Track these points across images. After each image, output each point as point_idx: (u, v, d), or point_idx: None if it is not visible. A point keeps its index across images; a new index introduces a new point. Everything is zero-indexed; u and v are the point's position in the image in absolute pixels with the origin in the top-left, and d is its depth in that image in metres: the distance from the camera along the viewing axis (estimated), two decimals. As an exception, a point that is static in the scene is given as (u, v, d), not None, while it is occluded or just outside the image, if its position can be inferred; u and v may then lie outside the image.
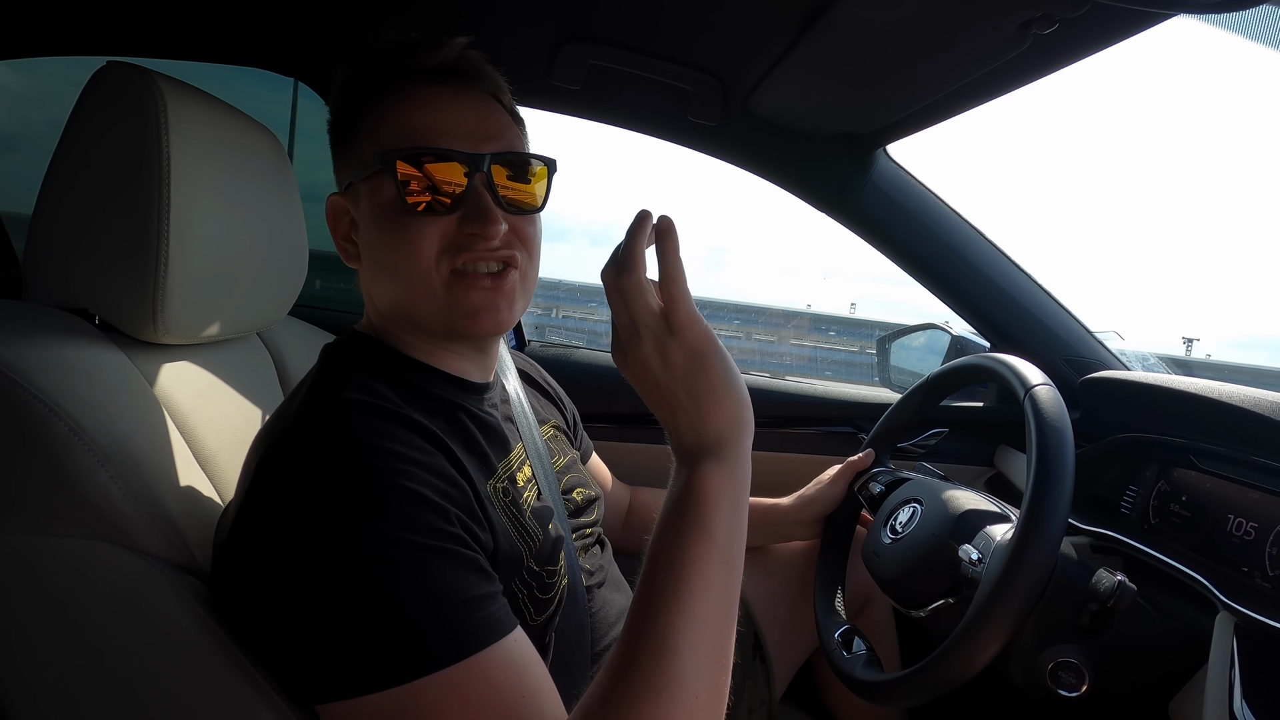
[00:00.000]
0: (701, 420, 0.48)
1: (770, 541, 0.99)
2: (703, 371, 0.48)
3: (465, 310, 0.56)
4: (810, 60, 0.84)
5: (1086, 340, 1.15)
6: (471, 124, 0.57)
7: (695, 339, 0.48)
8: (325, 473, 0.46)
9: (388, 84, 0.57)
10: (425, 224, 0.55)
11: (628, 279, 0.48)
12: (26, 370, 0.48)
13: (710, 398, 0.48)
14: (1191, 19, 0.56)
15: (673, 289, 0.47)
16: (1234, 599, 0.66)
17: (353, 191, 0.59)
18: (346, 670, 0.43)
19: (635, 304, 0.48)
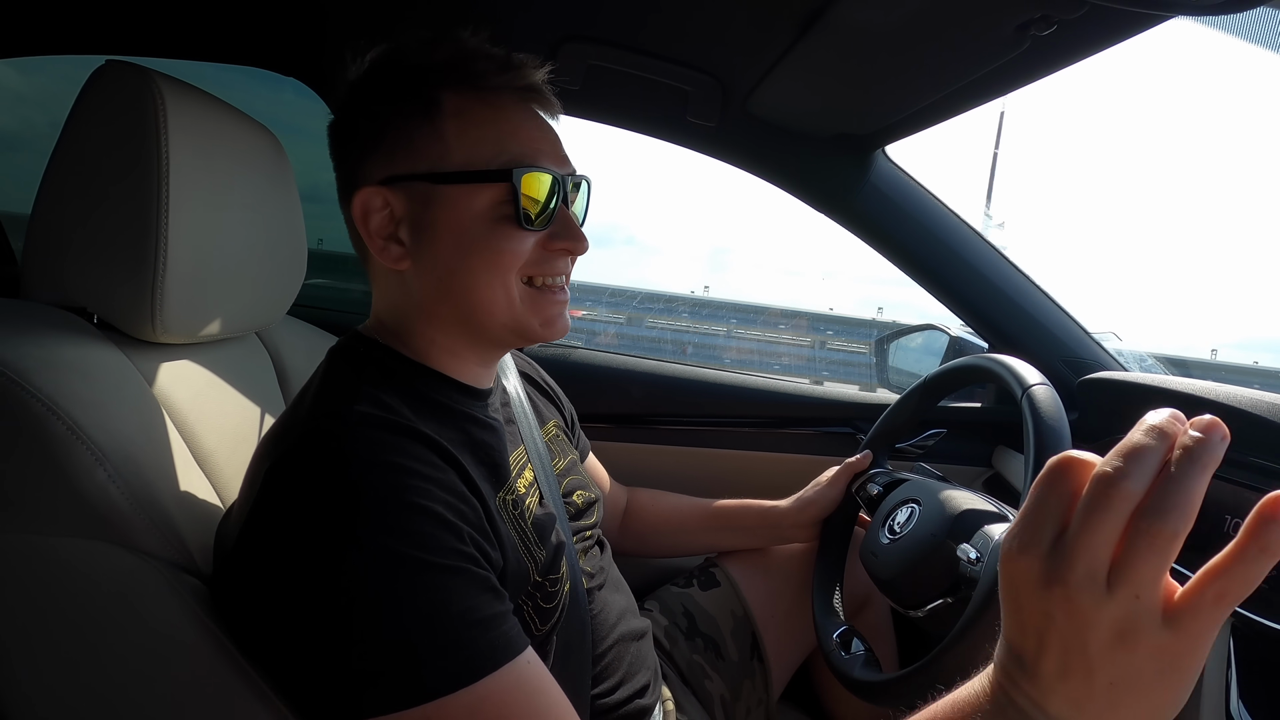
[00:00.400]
0: (1099, 713, 0.33)
1: (769, 544, 0.99)
2: (1158, 687, 0.32)
3: (543, 319, 0.59)
4: (809, 61, 0.84)
5: (1084, 341, 1.15)
6: (555, 145, 0.60)
7: (1188, 654, 0.31)
8: (335, 489, 0.45)
9: (481, 90, 0.56)
10: (523, 239, 0.56)
11: (1169, 534, 0.29)
12: (25, 369, 0.48)
13: (1133, 712, 0.32)
14: (1189, 20, 0.56)
15: (1227, 595, 0.29)
16: (1230, 599, 0.66)
17: (412, 188, 0.56)
18: (357, 691, 0.42)
19: (1145, 566, 0.30)
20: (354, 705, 0.42)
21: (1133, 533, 0.30)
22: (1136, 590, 0.30)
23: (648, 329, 5.96)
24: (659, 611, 0.92)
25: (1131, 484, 0.30)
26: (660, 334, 6.00)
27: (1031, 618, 0.33)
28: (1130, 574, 0.30)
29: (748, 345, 6.23)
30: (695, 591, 0.95)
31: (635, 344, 5.55)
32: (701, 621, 0.92)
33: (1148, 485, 0.30)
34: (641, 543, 1.00)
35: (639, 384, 1.25)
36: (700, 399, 1.25)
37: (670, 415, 1.25)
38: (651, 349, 5.57)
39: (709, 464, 1.24)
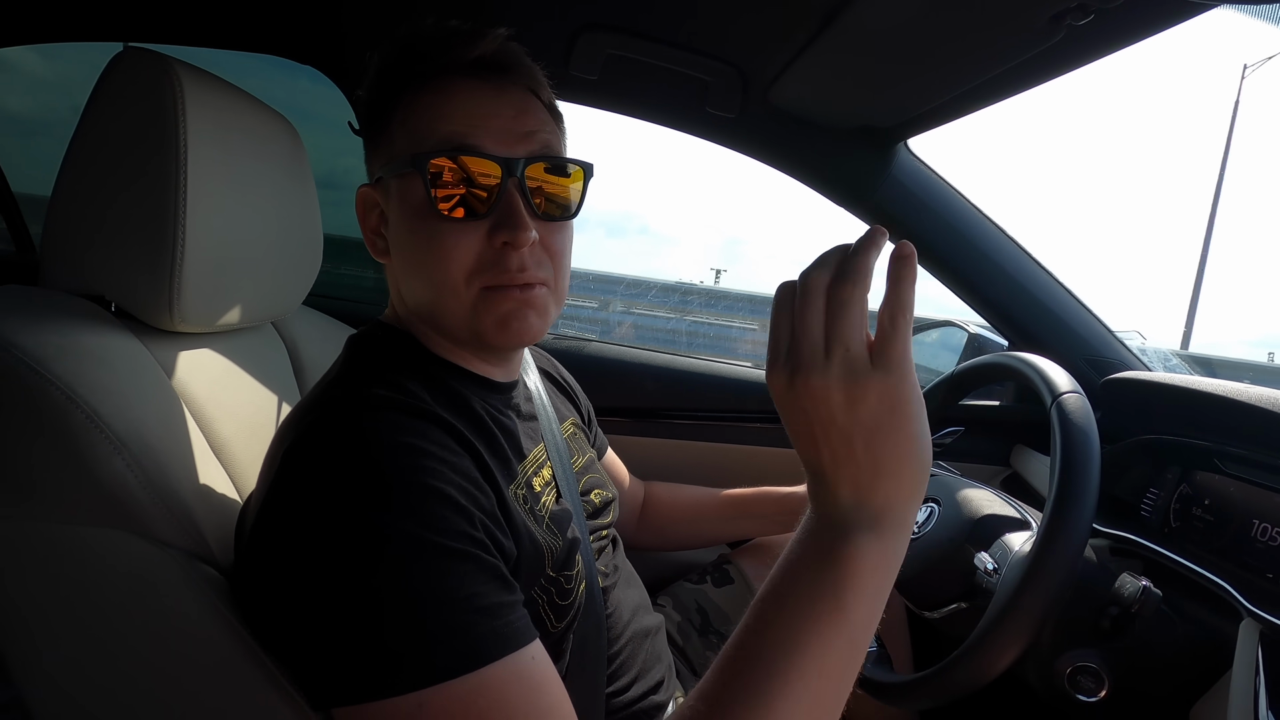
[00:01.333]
0: (872, 483, 0.39)
1: (788, 529, 0.98)
2: (897, 427, 0.39)
3: (494, 320, 0.55)
4: (834, 52, 0.83)
5: (1108, 340, 1.13)
6: (508, 122, 0.54)
7: (902, 386, 0.39)
8: (349, 469, 0.45)
9: (422, 75, 0.55)
10: (457, 232, 0.53)
11: (851, 289, 0.39)
12: (44, 357, 0.48)
13: (894, 460, 0.39)
14: (1232, 10, 0.54)
15: (899, 320, 0.39)
16: (1259, 605, 0.65)
17: (383, 185, 0.58)
18: (357, 674, 0.42)
19: (844, 321, 0.39)
20: (350, 686, 0.42)
21: (830, 300, 0.39)
22: (845, 344, 0.39)
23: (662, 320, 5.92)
24: (672, 608, 0.92)
25: (820, 271, 0.40)
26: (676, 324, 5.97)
27: (797, 422, 0.41)
28: (836, 333, 0.39)
29: (739, 333, 6.18)
30: (709, 588, 0.95)
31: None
32: (715, 618, 0.91)
33: (833, 271, 0.40)
34: (660, 535, 0.99)
35: (654, 378, 1.24)
36: (714, 393, 1.25)
37: (685, 409, 1.24)
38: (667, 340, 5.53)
39: (724, 458, 1.24)
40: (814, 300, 0.40)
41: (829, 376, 0.39)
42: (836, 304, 0.39)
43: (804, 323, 0.40)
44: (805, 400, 0.39)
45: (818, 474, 0.41)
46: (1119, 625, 0.64)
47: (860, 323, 0.39)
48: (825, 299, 0.40)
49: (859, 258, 0.40)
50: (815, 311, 0.40)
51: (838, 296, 0.39)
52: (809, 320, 0.40)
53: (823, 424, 0.39)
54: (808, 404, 0.39)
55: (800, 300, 0.40)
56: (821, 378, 0.39)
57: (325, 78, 1.13)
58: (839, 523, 0.40)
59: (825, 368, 0.39)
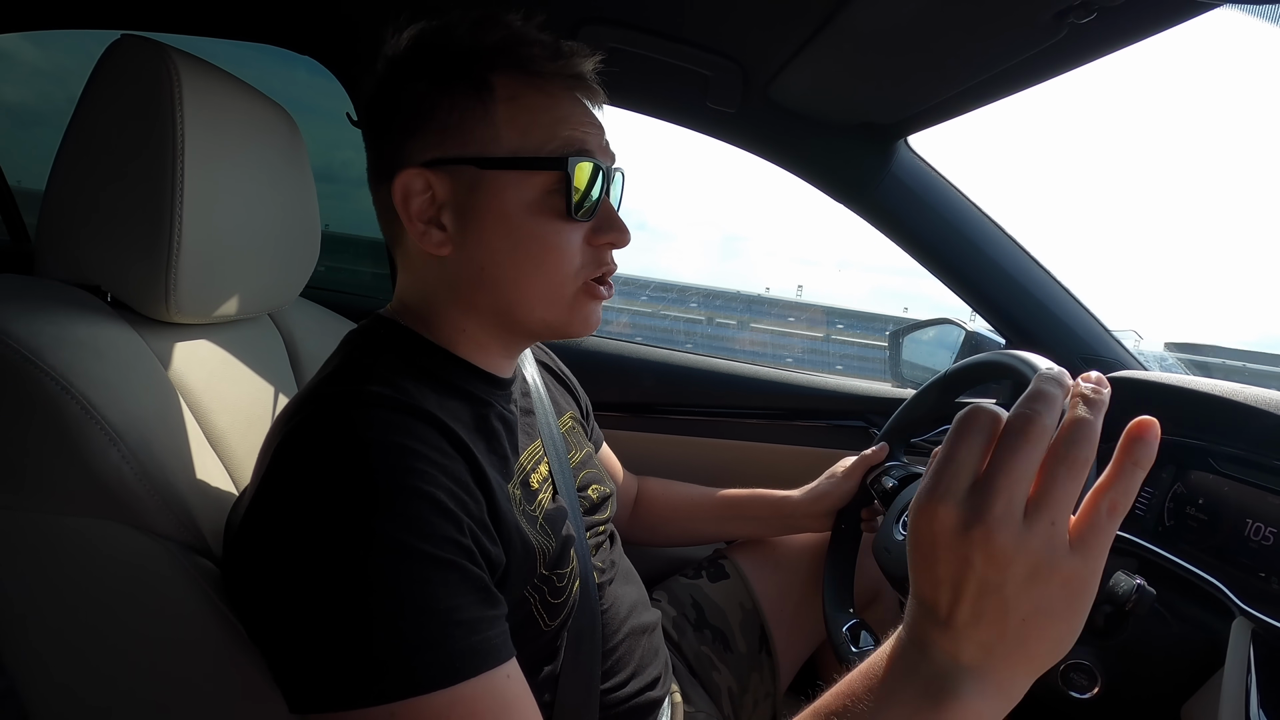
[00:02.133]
0: (1008, 656, 0.35)
1: (780, 534, 0.99)
2: (1066, 615, 0.34)
3: (584, 315, 0.59)
4: (835, 48, 0.82)
5: (1104, 339, 1.13)
6: (601, 134, 0.59)
7: (1092, 578, 0.34)
8: (337, 469, 0.44)
9: (533, 75, 0.55)
10: (570, 232, 0.55)
11: (1084, 457, 0.33)
12: (38, 347, 0.48)
13: (1045, 643, 0.35)
14: (1235, 10, 0.54)
15: (1118, 508, 0.33)
16: (1251, 604, 0.65)
17: (457, 171, 0.54)
18: (331, 681, 0.41)
19: (1063, 492, 0.33)
20: (319, 693, 0.41)
21: (1052, 462, 0.33)
22: (1053, 517, 0.33)
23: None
24: (668, 602, 0.92)
25: (1046, 420, 0.33)
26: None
27: (948, 567, 0.34)
28: (1049, 501, 0.33)
29: (734, 332, 6.20)
30: (704, 583, 0.95)
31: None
32: (710, 613, 0.92)
33: (1056, 423, 0.34)
34: (652, 532, 0.99)
35: (651, 373, 1.24)
36: (712, 389, 1.25)
37: (682, 405, 1.24)
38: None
39: (720, 454, 1.24)
40: (1032, 450, 0.33)
41: (1021, 545, 0.33)
42: (1062, 467, 0.33)
43: (1011, 472, 0.33)
44: (974, 553, 0.33)
45: (940, 620, 0.35)
46: (1113, 623, 0.64)
47: (1076, 496, 0.34)
48: (1043, 454, 0.33)
49: (1094, 415, 0.34)
50: (1029, 463, 0.33)
51: (1066, 458, 0.33)
52: (1018, 472, 0.33)
53: (983, 584, 0.34)
54: (975, 558, 0.33)
55: (1012, 441, 0.33)
56: (1012, 542, 0.33)
57: (323, 69, 1.12)
58: (950, 675, 0.35)
59: (1021, 534, 0.33)
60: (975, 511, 0.33)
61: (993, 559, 0.33)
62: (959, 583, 0.34)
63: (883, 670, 0.37)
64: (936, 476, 0.35)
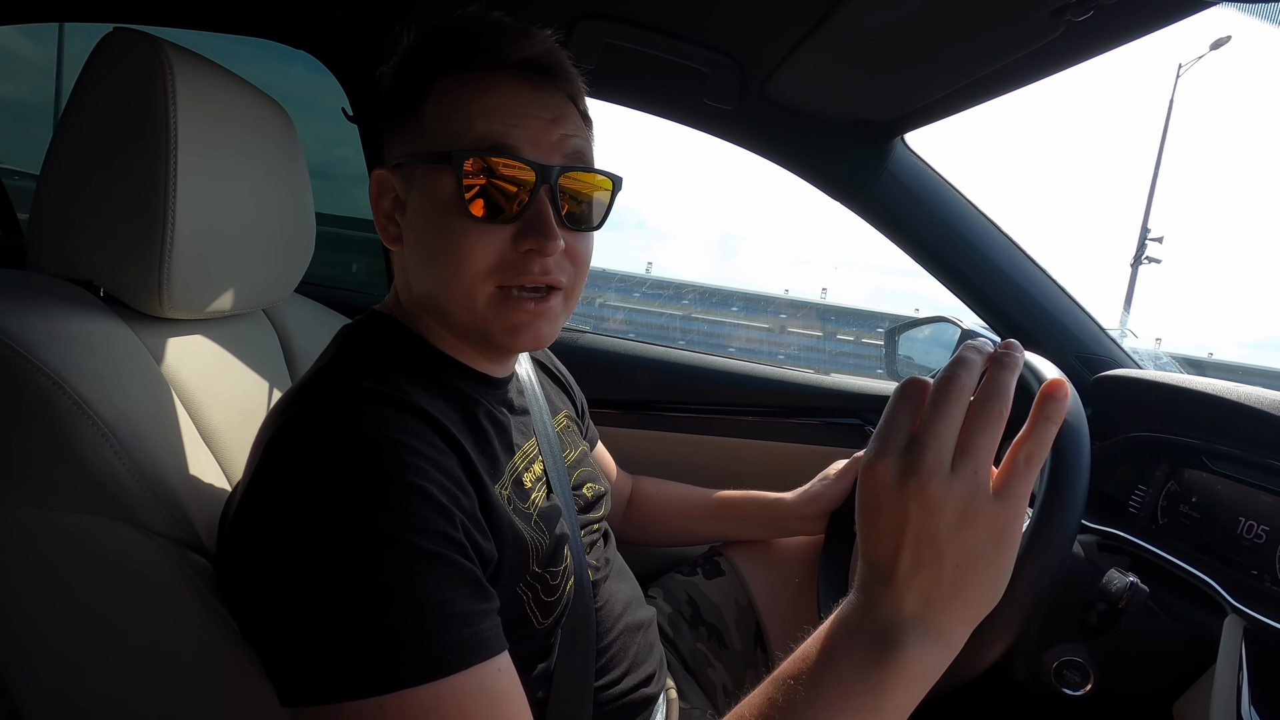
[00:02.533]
0: (947, 602, 0.38)
1: (773, 536, 0.99)
2: (993, 559, 0.38)
3: (505, 326, 0.55)
4: (831, 45, 0.82)
5: (1099, 337, 1.14)
6: (546, 126, 0.54)
7: (1014, 522, 0.38)
8: (329, 462, 0.44)
9: (464, 66, 0.54)
10: (480, 233, 0.52)
11: (999, 409, 0.38)
12: (30, 342, 0.47)
13: (977, 587, 0.38)
14: (1231, 8, 0.54)
15: (1034, 459, 0.38)
16: (1243, 602, 0.65)
17: (404, 171, 0.56)
18: (320, 675, 0.41)
19: (983, 440, 0.37)
20: (309, 686, 0.41)
21: (972, 416, 0.38)
22: (975, 465, 0.37)
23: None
24: (663, 599, 0.92)
25: (965, 381, 0.38)
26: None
27: (888, 520, 0.38)
28: (971, 451, 0.37)
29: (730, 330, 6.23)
30: (700, 580, 0.95)
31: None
32: (706, 610, 0.92)
33: (975, 384, 0.38)
34: (645, 531, 0.99)
35: (647, 370, 1.24)
36: (708, 387, 1.25)
37: (677, 402, 1.24)
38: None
39: (715, 452, 1.24)
40: (953, 407, 0.38)
41: (949, 491, 0.37)
42: (980, 420, 0.37)
43: (936, 427, 0.37)
44: (910, 503, 0.37)
45: (885, 574, 0.39)
46: (1106, 621, 0.64)
47: (995, 446, 0.38)
48: (964, 410, 0.38)
49: (1006, 375, 0.38)
50: (952, 419, 0.38)
51: (984, 412, 0.38)
52: (942, 426, 0.37)
53: (919, 532, 0.37)
54: (911, 508, 0.37)
55: (936, 401, 0.38)
56: (940, 489, 0.37)
57: (320, 64, 1.12)
58: (894, 626, 0.39)
59: (948, 480, 0.37)
60: (909, 464, 0.37)
61: (926, 506, 0.37)
62: (899, 533, 0.38)
63: (832, 629, 0.41)
64: (878, 439, 0.39)
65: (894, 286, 15.29)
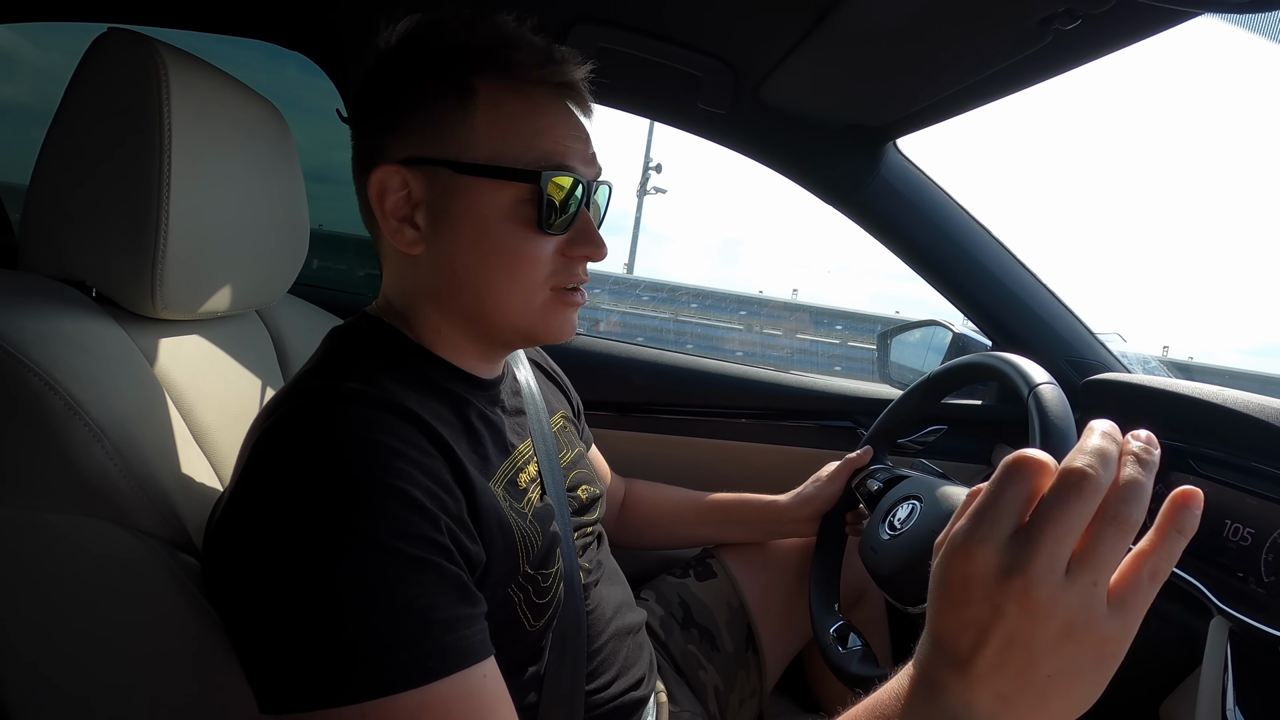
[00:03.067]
0: (1027, 709, 0.33)
1: (767, 538, 0.99)
2: (1093, 675, 0.33)
3: (556, 324, 0.59)
4: (825, 50, 0.83)
5: (1089, 342, 1.15)
6: (586, 146, 0.58)
7: (1126, 639, 0.33)
8: (313, 466, 0.44)
9: (519, 81, 0.54)
10: (542, 243, 0.55)
11: (1131, 513, 0.32)
12: (22, 342, 0.47)
13: (1067, 699, 0.33)
14: (1217, 19, 0.55)
15: (1159, 573, 0.33)
16: (1229, 604, 0.66)
17: (427, 173, 0.54)
18: (296, 680, 0.40)
19: (1110, 553, 0.32)
20: (289, 693, 0.41)
21: (1102, 520, 0.32)
22: (1095, 577, 0.32)
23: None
24: (655, 601, 0.92)
25: (1103, 478, 0.32)
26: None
27: (977, 611, 0.33)
28: (1094, 561, 0.32)
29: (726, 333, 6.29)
30: (691, 582, 0.95)
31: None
32: (697, 612, 0.92)
33: (1111, 481, 0.32)
34: (638, 535, 0.99)
35: (640, 372, 1.24)
36: (701, 389, 1.25)
37: (671, 405, 1.25)
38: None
39: (708, 454, 1.24)
40: (1084, 507, 0.32)
41: (1060, 601, 0.31)
42: (1112, 528, 0.32)
43: (1060, 527, 0.32)
44: (1009, 603, 0.32)
45: (959, 662, 0.34)
46: None
47: (1121, 558, 0.33)
48: (1093, 511, 0.32)
49: (1148, 477, 0.33)
50: (1080, 520, 0.32)
51: (1118, 518, 0.32)
52: (1065, 527, 0.32)
53: (1012, 634, 0.32)
54: (1009, 608, 0.32)
55: (1064, 496, 0.32)
56: (1051, 597, 0.31)
57: (313, 65, 1.12)
58: (962, 718, 0.34)
59: (1061, 590, 0.31)
60: (1016, 561, 0.32)
61: (1028, 611, 0.31)
62: (986, 629, 0.32)
63: (891, 707, 0.36)
64: (978, 518, 0.33)
65: (894, 291, 15.32)
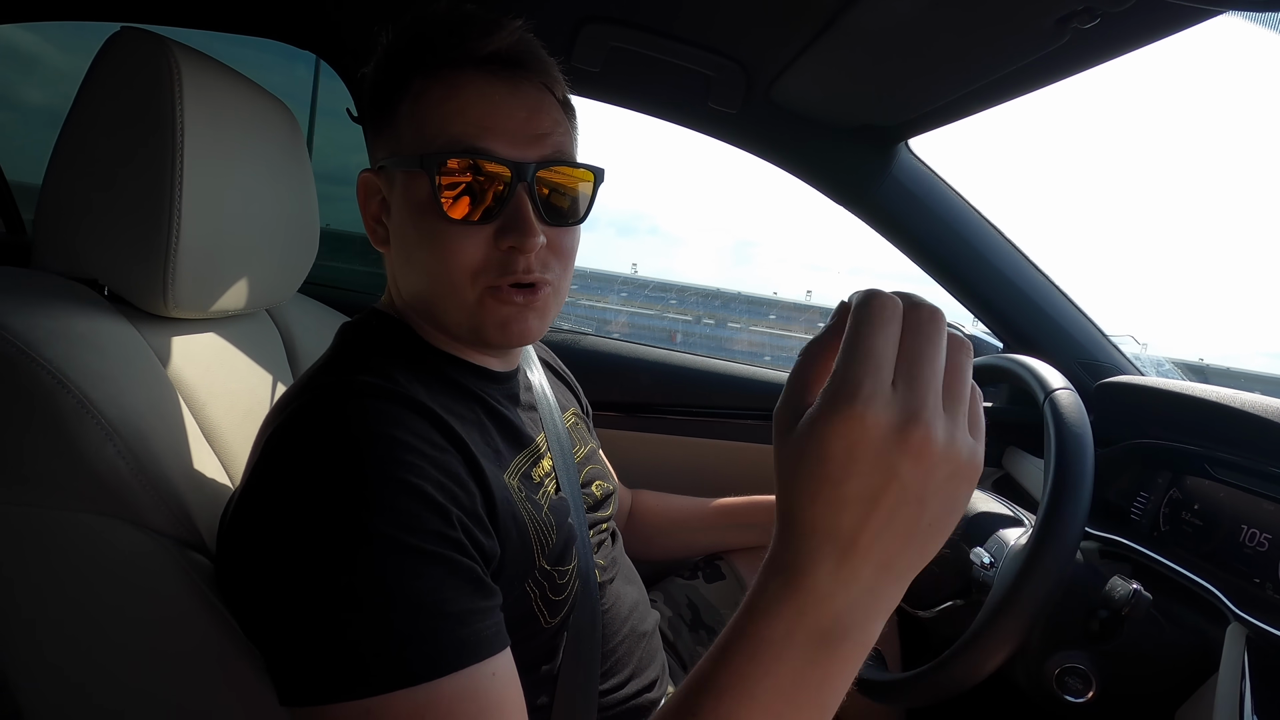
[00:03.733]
0: (907, 566, 0.31)
1: None
2: (959, 506, 0.31)
3: (495, 322, 0.54)
4: (837, 50, 0.82)
5: (1101, 344, 1.14)
6: (521, 122, 0.53)
7: (980, 459, 0.31)
8: (324, 460, 0.44)
9: (434, 66, 0.53)
10: (462, 234, 0.52)
11: (968, 346, 0.31)
12: (35, 341, 0.47)
13: (936, 543, 0.31)
14: (1238, 17, 0.54)
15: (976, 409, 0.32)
16: (1245, 610, 0.65)
17: (386, 174, 0.57)
18: (313, 674, 0.41)
19: (968, 377, 0.31)
20: (306, 687, 0.41)
21: (952, 349, 0.31)
22: (961, 408, 0.30)
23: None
24: (663, 602, 0.92)
25: (935, 309, 0.31)
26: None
27: (865, 481, 0.29)
28: (960, 391, 0.30)
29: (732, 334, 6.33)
30: (700, 584, 0.95)
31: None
32: (706, 614, 0.91)
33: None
34: (646, 545, 0.97)
35: (649, 373, 1.24)
36: (710, 390, 1.25)
37: (680, 405, 1.24)
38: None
39: (718, 455, 1.24)
40: (937, 339, 0.30)
41: (953, 443, 0.29)
42: (961, 354, 0.31)
43: (928, 363, 0.29)
44: (906, 459, 0.29)
45: (839, 546, 0.30)
46: (1108, 628, 0.64)
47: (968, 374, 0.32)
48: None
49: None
50: (938, 352, 0.30)
51: (959, 344, 0.31)
52: (932, 361, 0.30)
53: (904, 492, 0.29)
54: (905, 465, 0.29)
55: (922, 329, 0.30)
56: (946, 440, 0.29)
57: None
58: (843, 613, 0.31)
59: (949, 429, 0.29)
60: (909, 412, 0.29)
61: (926, 462, 0.29)
62: (875, 498, 0.29)
63: (756, 626, 0.33)
64: (857, 373, 0.29)
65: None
